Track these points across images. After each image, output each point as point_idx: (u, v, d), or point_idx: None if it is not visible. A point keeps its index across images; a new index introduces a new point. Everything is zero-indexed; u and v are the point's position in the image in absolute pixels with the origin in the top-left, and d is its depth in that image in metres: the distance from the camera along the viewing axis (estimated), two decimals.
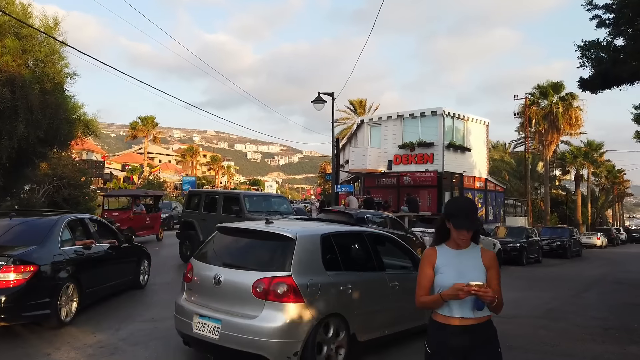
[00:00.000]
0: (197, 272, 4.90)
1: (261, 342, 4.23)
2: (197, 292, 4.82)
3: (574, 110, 33.34)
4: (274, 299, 4.30)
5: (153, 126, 52.89)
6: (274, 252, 4.72)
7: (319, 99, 17.60)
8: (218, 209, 11.66)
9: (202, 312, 4.60)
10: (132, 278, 8.37)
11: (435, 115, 22.90)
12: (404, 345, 5.69)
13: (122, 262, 8.01)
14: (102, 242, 7.45)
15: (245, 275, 4.50)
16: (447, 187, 23.13)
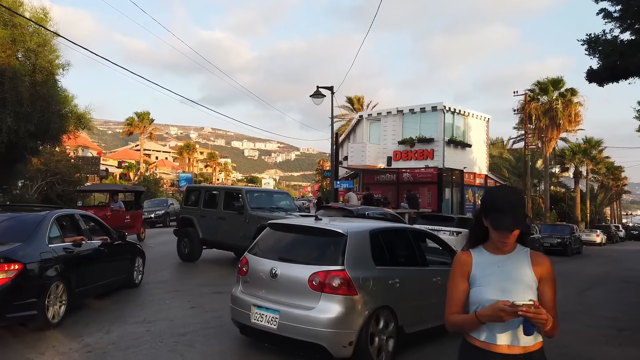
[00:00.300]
0: (252, 266, 5.18)
1: (319, 332, 4.46)
2: (253, 285, 5.10)
3: (573, 107, 33.06)
4: (329, 292, 4.51)
5: (149, 122, 52.36)
6: (327, 248, 4.98)
7: (317, 93, 17.23)
8: (218, 205, 11.29)
9: (259, 303, 4.86)
10: (126, 277, 8.06)
11: (435, 110, 22.56)
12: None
13: (114, 260, 7.67)
14: (93, 239, 7.14)
15: (300, 269, 4.74)
16: (447, 183, 22.83)
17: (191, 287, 8.60)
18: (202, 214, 11.60)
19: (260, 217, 10.13)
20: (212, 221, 11.22)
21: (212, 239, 11.22)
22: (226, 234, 10.82)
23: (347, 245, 4.76)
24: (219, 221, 11.07)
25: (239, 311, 5.11)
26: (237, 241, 10.50)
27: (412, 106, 23.37)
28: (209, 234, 11.26)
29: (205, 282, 9.19)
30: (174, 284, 8.84)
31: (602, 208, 53.25)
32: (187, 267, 11.02)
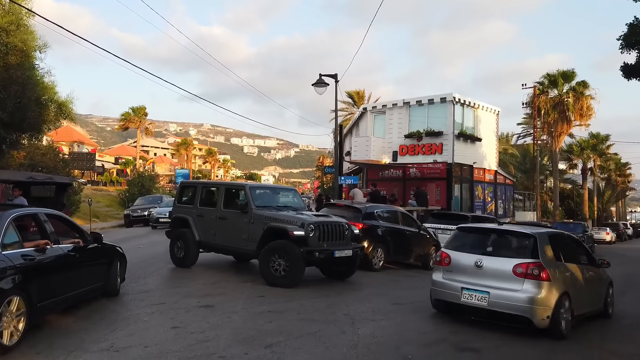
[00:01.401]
0: (455, 259, 6.75)
1: (525, 307, 6.06)
2: (458, 273, 6.64)
3: (585, 100, 31.80)
4: (531, 278, 6.10)
5: (145, 116, 51.01)
6: (522, 245, 6.61)
7: (320, 81, 15.98)
8: (218, 203, 9.96)
9: (467, 286, 6.45)
10: (103, 284, 7.03)
11: (444, 102, 21.30)
12: None
13: (88, 266, 6.64)
14: (61, 243, 6.07)
15: (504, 261, 6.38)
16: (456, 179, 21.60)
17: (177, 298, 7.37)
18: (198, 213, 10.19)
19: (268, 218, 8.93)
20: (210, 221, 9.89)
21: (211, 241, 9.94)
22: (227, 236, 9.57)
23: (538, 244, 6.44)
24: (218, 221, 9.74)
25: (446, 292, 6.68)
26: (239, 244, 9.31)
27: (419, 97, 22.10)
28: (206, 236, 9.94)
29: (194, 291, 7.95)
30: (158, 294, 7.61)
31: (610, 205, 52.09)
32: (176, 273, 9.78)
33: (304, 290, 8.31)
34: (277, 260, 8.40)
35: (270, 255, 8.48)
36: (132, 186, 34.24)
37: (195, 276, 9.44)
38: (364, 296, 8.32)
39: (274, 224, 8.72)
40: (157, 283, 8.58)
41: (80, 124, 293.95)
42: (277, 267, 8.41)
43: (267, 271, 8.52)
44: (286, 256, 8.34)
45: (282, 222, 8.69)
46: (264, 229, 8.73)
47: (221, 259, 11.31)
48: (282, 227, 8.57)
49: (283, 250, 8.39)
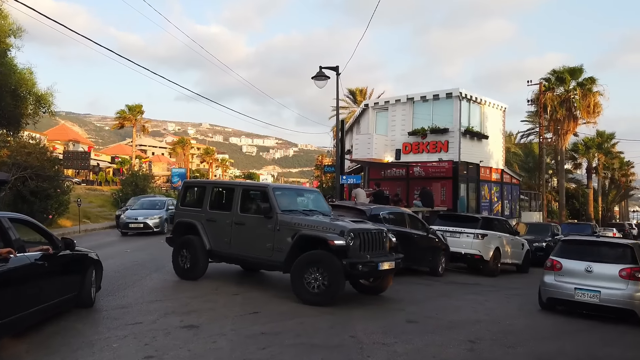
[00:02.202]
0: (565, 265, 8.32)
1: (630, 302, 7.72)
2: (569, 276, 8.22)
3: (592, 96, 30.83)
4: (634, 279, 7.74)
5: (141, 114, 49.98)
6: (622, 253, 8.23)
7: (321, 74, 15.00)
8: (234, 206, 8.68)
9: (579, 287, 8.00)
10: (76, 295, 6.38)
11: (450, 97, 20.33)
12: None
13: (59, 276, 6.00)
14: (28, 251, 5.39)
15: (610, 267, 8.01)
16: (462, 179, 20.63)
17: (157, 315, 6.39)
18: (209, 217, 8.93)
19: (298, 224, 7.78)
20: (224, 228, 8.66)
21: (224, 250, 8.68)
22: (245, 244, 8.39)
23: (636, 252, 8.08)
24: (234, 228, 8.54)
25: (560, 292, 8.20)
26: (261, 254, 8.14)
27: (423, 93, 21.14)
28: (219, 244, 8.70)
29: (179, 306, 6.97)
30: (136, 311, 6.63)
31: (614, 205, 51.17)
32: (160, 283, 8.79)
33: (303, 305, 7.33)
34: (314, 274, 7.28)
35: (304, 269, 7.35)
36: (126, 186, 33.24)
37: (182, 287, 8.45)
38: (372, 312, 7.34)
39: (307, 231, 7.62)
40: (138, 296, 7.59)
41: (78, 123, 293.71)
42: (313, 282, 7.28)
43: (300, 287, 7.40)
44: (325, 270, 7.23)
45: (317, 230, 7.61)
46: (295, 238, 7.60)
47: (216, 265, 10.33)
48: (319, 235, 7.47)
49: (321, 263, 7.28)
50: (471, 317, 7.60)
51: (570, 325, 7.76)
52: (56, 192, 21.40)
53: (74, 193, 33.59)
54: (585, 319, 8.09)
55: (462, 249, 13.53)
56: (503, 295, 10.65)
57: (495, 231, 14.31)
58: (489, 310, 8.42)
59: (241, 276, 9.74)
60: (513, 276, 14.49)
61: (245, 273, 10.05)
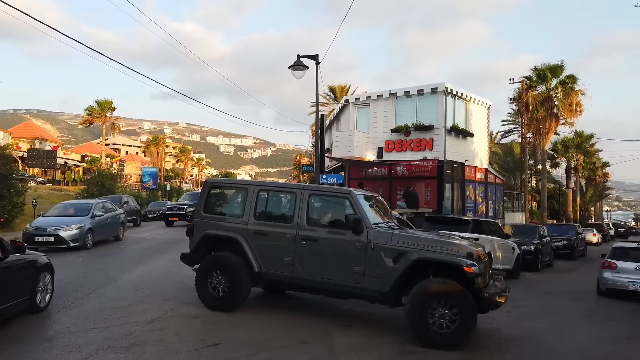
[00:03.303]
0: (619, 265, 11.12)
1: None
2: (623, 272, 11.02)
3: (574, 95, 30.38)
4: None
5: (111, 110, 47.69)
6: None
7: (299, 63, 13.70)
8: (296, 216, 6.85)
9: (632, 280, 10.80)
10: (27, 299, 6.27)
11: (435, 93, 19.28)
12: None
13: (8, 280, 5.92)
14: None
15: None
16: (446, 178, 19.62)
17: (88, 351, 5.01)
18: (257, 229, 7.01)
19: (403, 244, 6.21)
20: (283, 244, 6.83)
21: (284, 274, 6.80)
22: (319, 267, 6.59)
23: None
24: (300, 245, 6.72)
25: (618, 284, 11.04)
26: (347, 280, 6.43)
27: (407, 88, 20.04)
28: (276, 266, 6.85)
29: (118, 337, 5.59)
30: (64, 342, 5.24)
31: (591, 205, 51.38)
32: (106, 302, 7.37)
33: (274, 329, 6.06)
34: (440, 310, 5.82)
35: (428, 303, 5.84)
36: (91, 186, 31.29)
37: (130, 307, 7.06)
38: (359, 340, 6.08)
39: (427, 254, 6.08)
40: (72, 321, 6.17)
41: (50, 121, 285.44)
42: (439, 320, 5.84)
43: (422, 326, 5.87)
44: (455, 304, 5.80)
45: (439, 252, 6.10)
46: (410, 262, 6.04)
47: (178, 278, 8.95)
48: (449, 260, 6.01)
49: (452, 297, 5.81)
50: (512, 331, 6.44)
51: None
52: (9, 192, 19.63)
53: (35, 193, 31.56)
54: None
55: None
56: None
57: (486, 235, 13.31)
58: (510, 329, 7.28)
59: None
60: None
61: None
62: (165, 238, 17.08)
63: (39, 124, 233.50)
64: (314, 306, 7.72)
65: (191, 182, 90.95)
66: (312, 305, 7.77)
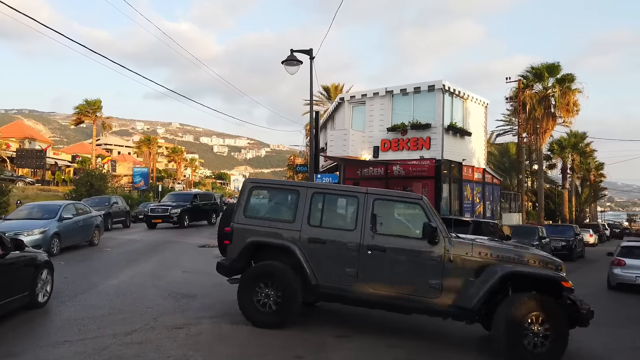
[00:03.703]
0: (628, 262, 12.23)
1: None
2: (631, 269, 12.09)
3: (571, 94, 30.06)
4: None
5: (100, 109, 46.91)
6: None
7: (292, 58, 13.17)
8: (360, 223, 6.17)
9: (638, 275, 11.92)
10: (27, 295, 6.49)
11: (432, 90, 18.82)
12: None
13: (8, 276, 6.14)
14: None
15: None
16: (444, 178, 19.17)
17: None
18: (313, 237, 6.24)
19: (486, 255, 5.82)
20: (344, 254, 6.13)
21: (348, 287, 6.08)
22: (389, 280, 5.99)
23: None
24: (365, 255, 6.07)
25: (627, 279, 12.13)
26: (421, 294, 5.88)
27: (403, 86, 19.57)
28: (336, 277, 6.13)
29: (91, 354, 5.01)
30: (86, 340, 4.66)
31: (586, 206, 51.24)
32: (82, 311, 6.80)
33: (266, 343, 5.51)
34: (534, 328, 5.45)
35: (522, 323, 5.42)
36: (80, 186, 30.57)
37: (110, 316, 6.48)
38: (361, 355, 5.55)
39: (524, 269, 5.73)
40: (45, 331, 5.61)
41: (42, 121, 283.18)
42: (534, 339, 5.45)
43: (521, 351, 5.42)
44: (549, 321, 5.46)
45: (533, 266, 5.81)
46: (502, 276, 5.61)
47: (163, 283, 8.38)
48: (547, 275, 5.72)
49: (547, 314, 5.46)
50: None
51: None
52: None
53: (22, 194, 30.81)
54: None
55: None
56: None
57: (485, 236, 12.83)
58: None
59: (193, 295, 7.82)
60: None
61: (203, 291, 8.14)
62: (153, 240, 16.49)
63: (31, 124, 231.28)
64: (311, 314, 7.19)
65: (184, 183, 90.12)
66: (309, 313, 7.24)
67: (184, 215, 21.68)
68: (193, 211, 22.61)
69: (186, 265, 11.21)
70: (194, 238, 17.83)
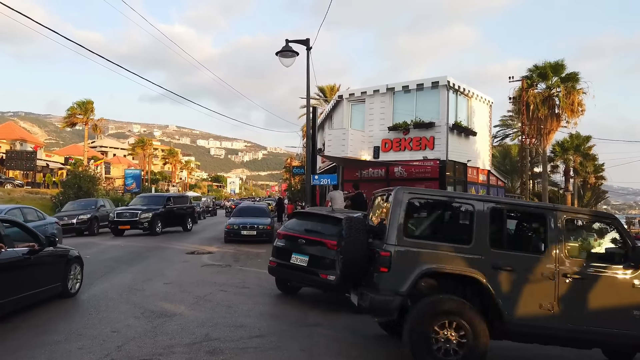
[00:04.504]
0: None
1: None
2: None
3: (576, 94, 29.10)
4: None
5: (92, 111, 45.79)
6: None
7: (287, 49, 12.12)
8: (551, 245, 5.19)
9: None
10: (59, 285, 7.37)
11: (436, 87, 17.83)
12: None
13: (43, 268, 6.96)
14: (16, 246, 6.50)
15: None
16: (449, 180, 18.14)
17: None
18: (498, 264, 5.08)
19: None
20: (536, 283, 5.10)
21: (541, 323, 5.08)
22: (588, 314, 5.11)
23: None
24: (562, 284, 5.09)
25: None
26: (626, 328, 5.11)
27: (405, 82, 18.58)
28: (528, 312, 5.07)
29: None
30: None
31: (589, 209, 50.28)
32: (75, 318, 5.71)
33: None
34: None
35: None
36: (67, 188, 29.44)
37: (63, 344, 5.38)
38: None
39: None
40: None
41: (38, 124, 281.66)
42: None
43: None
44: None
45: None
46: None
47: (138, 299, 7.30)
48: None
49: None
50: None
51: None
52: None
53: (7, 197, 29.64)
54: None
55: None
56: None
57: None
58: None
59: (171, 315, 6.74)
60: None
61: (183, 309, 7.06)
62: (139, 246, 15.38)
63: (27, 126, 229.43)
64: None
65: (179, 185, 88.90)
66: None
67: (155, 220, 19.36)
68: (166, 216, 20.34)
69: (170, 276, 10.13)
70: (184, 243, 16.75)
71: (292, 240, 8.03)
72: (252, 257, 13.52)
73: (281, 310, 7.57)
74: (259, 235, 17.07)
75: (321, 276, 7.47)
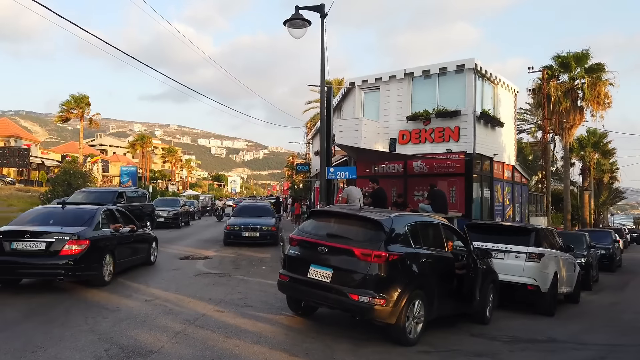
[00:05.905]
0: None
1: None
2: None
3: (602, 85, 27.10)
4: None
5: (87, 106, 43.88)
6: None
7: (297, 17, 10.16)
8: None
9: None
10: (145, 256, 10.67)
11: (461, 71, 15.83)
12: None
13: (137, 244, 10.20)
14: (125, 227, 9.58)
15: None
16: (476, 175, 16.17)
17: None
18: None
19: None
20: None
21: None
22: None
23: None
24: None
25: None
26: None
27: (426, 67, 16.56)
28: None
29: None
30: None
31: (605, 209, 48.30)
32: None
33: None
34: None
35: None
36: (57, 185, 27.56)
37: None
38: None
39: None
40: None
41: (39, 122, 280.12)
42: None
43: None
44: None
45: None
46: None
47: None
48: None
49: None
50: None
51: None
52: None
53: None
54: None
55: (511, 276, 9.07)
56: None
57: (549, 248, 9.90)
58: None
59: (147, 352, 4.82)
60: (570, 311, 10.18)
61: (164, 342, 5.14)
62: None
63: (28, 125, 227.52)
64: None
65: (179, 184, 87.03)
66: None
67: None
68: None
69: (154, 289, 8.21)
70: (178, 246, 14.85)
71: (310, 248, 6.07)
72: (256, 264, 11.60)
73: (296, 342, 5.65)
74: (263, 237, 15.20)
75: (350, 297, 5.53)
